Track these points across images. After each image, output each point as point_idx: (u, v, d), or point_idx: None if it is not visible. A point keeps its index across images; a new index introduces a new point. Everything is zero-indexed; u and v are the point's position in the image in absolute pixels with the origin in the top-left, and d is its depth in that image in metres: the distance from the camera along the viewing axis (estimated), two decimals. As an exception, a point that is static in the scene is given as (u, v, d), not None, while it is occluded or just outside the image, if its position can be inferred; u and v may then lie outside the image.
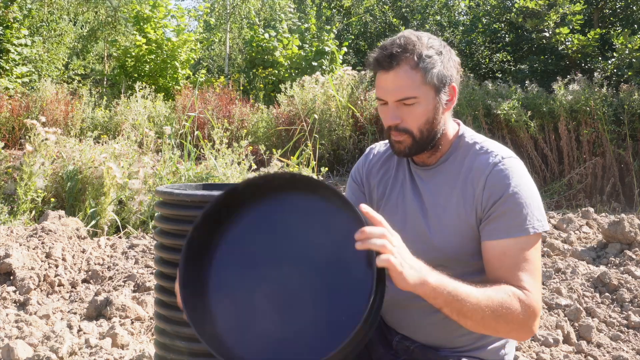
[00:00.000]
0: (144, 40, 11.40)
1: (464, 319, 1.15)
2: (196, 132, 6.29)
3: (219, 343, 1.05)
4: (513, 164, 1.31)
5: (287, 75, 11.36)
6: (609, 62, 8.35)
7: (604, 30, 9.32)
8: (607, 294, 3.11)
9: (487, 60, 12.19)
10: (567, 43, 8.66)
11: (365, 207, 1.03)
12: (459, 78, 1.37)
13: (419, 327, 1.41)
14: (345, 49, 12.56)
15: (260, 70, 11.73)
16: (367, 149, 1.59)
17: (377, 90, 1.34)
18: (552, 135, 7.07)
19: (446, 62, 1.31)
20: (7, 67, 9.13)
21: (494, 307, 1.15)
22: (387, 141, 1.55)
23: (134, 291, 3.11)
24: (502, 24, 11.00)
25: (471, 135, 1.41)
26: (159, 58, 11.56)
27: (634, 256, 3.51)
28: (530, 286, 1.22)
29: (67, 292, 3.13)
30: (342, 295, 1.05)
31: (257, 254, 1.09)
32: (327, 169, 5.34)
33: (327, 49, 11.77)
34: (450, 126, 1.40)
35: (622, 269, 3.35)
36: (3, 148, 5.14)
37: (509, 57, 11.70)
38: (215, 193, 1.40)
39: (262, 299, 1.07)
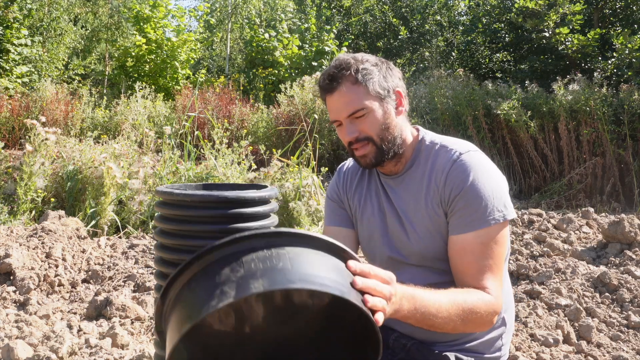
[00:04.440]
0: (144, 40, 11.40)
1: (435, 329, 1.19)
2: (196, 132, 6.29)
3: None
4: (471, 158, 1.34)
5: (287, 75, 11.37)
6: (609, 62, 8.35)
7: (604, 30, 9.32)
8: (607, 294, 3.10)
9: (487, 60, 12.18)
10: (567, 43, 8.67)
11: (353, 264, 0.95)
12: (403, 85, 1.43)
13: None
14: (345, 49, 12.56)
15: (260, 70, 11.74)
16: (338, 168, 1.65)
17: (330, 114, 1.41)
18: (552, 135, 7.07)
19: (384, 71, 1.38)
20: (7, 67, 9.13)
21: (464, 315, 1.19)
22: None
23: (134, 291, 3.11)
24: (502, 24, 11.00)
25: (431, 137, 1.45)
26: (159, 58, 11.56)
27: (634, 256, 3.51)
28: (491, 284, 1.26)
29: (67, 292, 3.13)
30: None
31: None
32: (327, 169, 5.34)
33: (327, 49, 11.78)
34: (409, 132, 1.44)
35: (622, 269, 3.35)
36: (3, 148, 5.14)
37: (509, 57, 11.70)
38: (216, 193, 1.40)
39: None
